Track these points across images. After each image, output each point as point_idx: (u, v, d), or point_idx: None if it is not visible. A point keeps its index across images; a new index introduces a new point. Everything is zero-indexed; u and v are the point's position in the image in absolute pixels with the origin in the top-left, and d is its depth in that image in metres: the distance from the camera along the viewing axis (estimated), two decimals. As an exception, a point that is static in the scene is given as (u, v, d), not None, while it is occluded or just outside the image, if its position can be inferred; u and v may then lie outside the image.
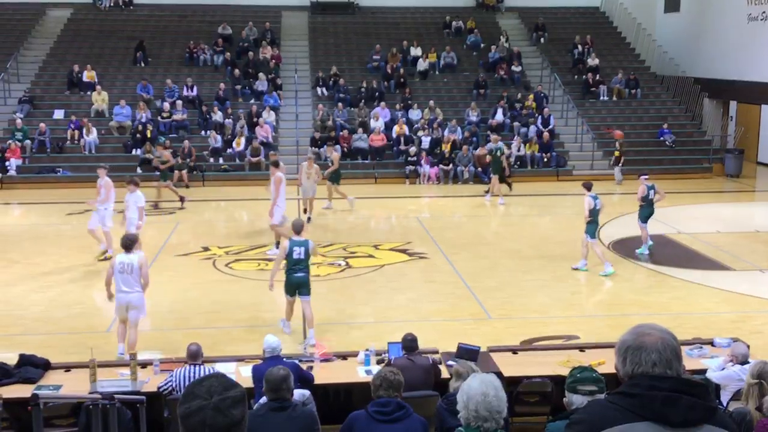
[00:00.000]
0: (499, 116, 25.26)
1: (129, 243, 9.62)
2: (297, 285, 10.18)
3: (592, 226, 13.48)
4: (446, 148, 23.54)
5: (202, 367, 7.31)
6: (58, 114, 24.95)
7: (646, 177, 15.06)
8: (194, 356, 7.38)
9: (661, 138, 25.20)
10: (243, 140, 23.72)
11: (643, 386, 2.46)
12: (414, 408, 5.61)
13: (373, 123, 24.60)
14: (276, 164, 15.56)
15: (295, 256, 10.09)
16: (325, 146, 21.49)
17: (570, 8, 32.32)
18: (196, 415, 2.18)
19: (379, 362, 8.05)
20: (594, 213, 13.37)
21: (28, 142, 23.11)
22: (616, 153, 23.24)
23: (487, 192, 20.95)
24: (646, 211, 14.81)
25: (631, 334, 2.60)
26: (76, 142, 23.71)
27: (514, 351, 8.78)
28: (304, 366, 7.74)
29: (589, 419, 2.55)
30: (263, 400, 5.99)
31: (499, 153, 20.63)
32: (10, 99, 25.56)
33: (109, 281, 9.66)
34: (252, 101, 25.86)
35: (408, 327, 8.41)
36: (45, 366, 8.02)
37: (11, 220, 19.25)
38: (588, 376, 4.25)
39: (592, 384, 4.20)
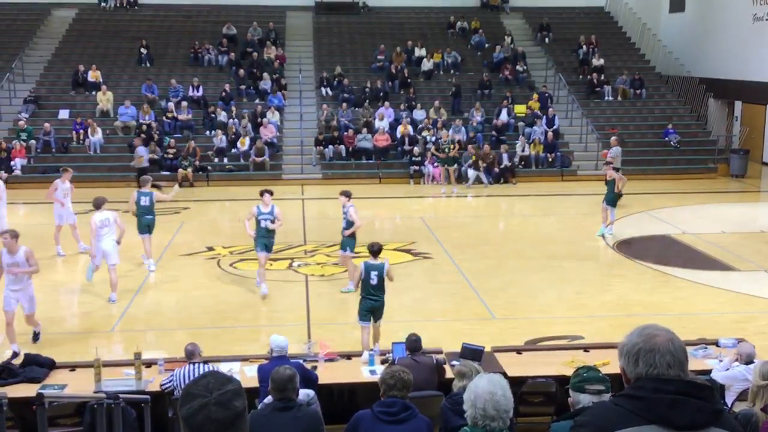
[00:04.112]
0: (504, 116, 25.23)
1: (99, 202, 12.04)
2: (147, 225, 13.60)
3: (353, 240, 12.36)
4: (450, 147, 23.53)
5: (201, 365, 7.31)
6: (63, 114, 24.97)
7: (612, 164, 16.94)
8: (189, 355, 7.40)
9: (666, 138, 25.14)
10: (247, 140, 23.74)
11: (648, 389, 2.45)
12: (418, 408, 5.60)
13: (377, 123, 24.59)
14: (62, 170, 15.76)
15: (142, 203, 13.57)
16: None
17: (575, 8, 32.26)
18: (200, 413, 2.19)
19: (383, 362, 8.05)
20: (349, 225, 12.19)
21: (33, 142, 23.16)
22: (473, 157, 22.88)
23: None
24: (612, 195, 16.22)
25: (640, 336, 2.56)
26: (81, 142, 23.76)
27: (519, 351, 8.79)
28: (308, 366, 7.74)
29: (595, 421, 2.54)
30: (268, 399, 5.98)
31: (443, 146, 23.26)
32: (15, 99, 25.59)
33: (95, 236, 11.83)
34: (256, 101, 25.87)
35: (412, 327, 8.41)
36: (50, 365, 8.03)
37: (16, 220, 19.16)
38: (595, 376, 4.25)
39: (599, 383, 4.20)
